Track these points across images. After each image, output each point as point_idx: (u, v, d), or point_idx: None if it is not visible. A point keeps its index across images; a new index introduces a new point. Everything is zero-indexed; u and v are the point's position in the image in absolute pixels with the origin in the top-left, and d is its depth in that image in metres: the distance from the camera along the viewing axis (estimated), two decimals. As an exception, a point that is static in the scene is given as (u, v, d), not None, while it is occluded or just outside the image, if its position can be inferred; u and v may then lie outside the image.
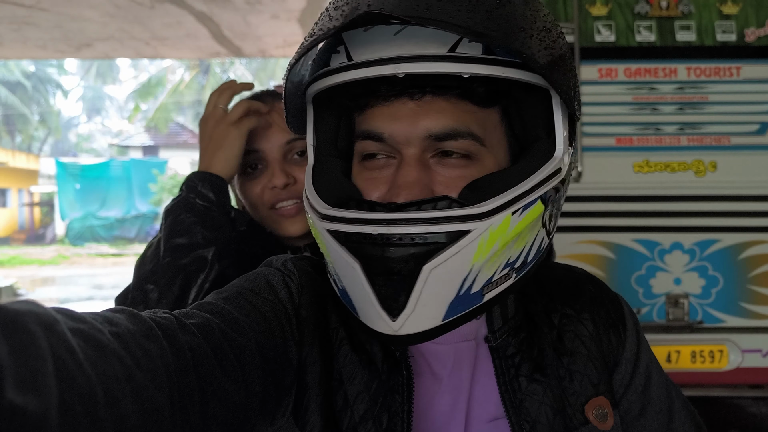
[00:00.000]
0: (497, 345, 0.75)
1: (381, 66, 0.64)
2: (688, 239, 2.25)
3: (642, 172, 2.26)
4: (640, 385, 0.81)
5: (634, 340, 0.82)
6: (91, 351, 0.44)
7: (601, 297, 0.84)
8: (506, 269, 0.67)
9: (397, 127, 0.68)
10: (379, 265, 0.63)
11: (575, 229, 2.27)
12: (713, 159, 2.25)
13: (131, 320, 0.52)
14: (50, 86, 28.60)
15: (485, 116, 0.70)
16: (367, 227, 0.63)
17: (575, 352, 0.78)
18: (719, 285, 2.25)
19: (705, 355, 2.24)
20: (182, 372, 0.53)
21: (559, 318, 0.80)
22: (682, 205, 2.26)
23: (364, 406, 0.70)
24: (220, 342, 0.60)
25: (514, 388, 0.73)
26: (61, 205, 19.38)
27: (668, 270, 2.26)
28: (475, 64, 0.63)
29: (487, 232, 0.62)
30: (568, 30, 2.28)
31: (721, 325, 2.25)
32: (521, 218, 0.65)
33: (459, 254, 0.62)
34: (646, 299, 2.26)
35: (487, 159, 0.69)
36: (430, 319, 0.64)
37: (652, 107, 2.28)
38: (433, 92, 0.67)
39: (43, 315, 0.42)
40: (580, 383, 0.76)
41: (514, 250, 0.66)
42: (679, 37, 2.30)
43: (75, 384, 0.41)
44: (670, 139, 2.27)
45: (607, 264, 2.27)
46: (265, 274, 0.74)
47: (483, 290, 0.66)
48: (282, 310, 0.71)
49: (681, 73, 2.28)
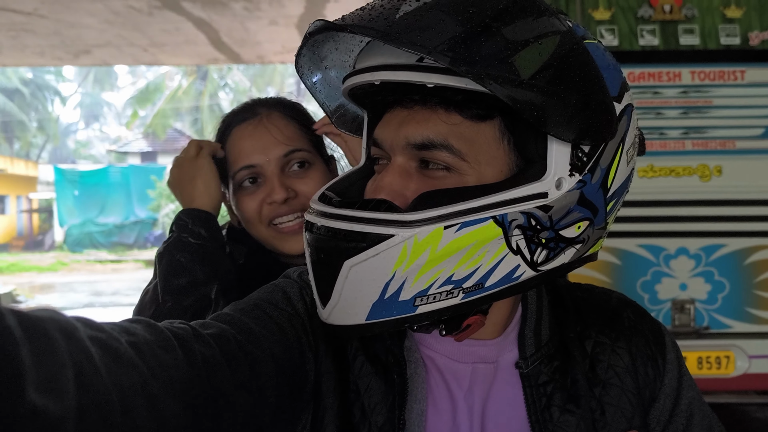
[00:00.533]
0: (528, 372, 0.73)
1: (364, 74, 0.67)
2: (693, 244, 2.24)
3: (646, 176, 2.25)
4: (681, 424, 0.77)
5: (675, 374, 0.79)
6: (109, 359, 0.46)
7: (640, 326, 0.80)
8: (448, 286, 0.63)
9: (386, 134, 0.69)
10: (315, 254, 0.66)
11: (580, 235, 2.25)
12: (718, 163, 2.24)
13: (148, 330, 0.54)
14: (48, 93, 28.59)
15: (476, 130, 0.66)
16: (318, 218, 0.66)
17: (608, 383, 0.75)
18: (725, 290, 2.23)
19: (712, 361, 2.22)
20: (196, 382, 0.55)
21: (592, 346, 0.77)
22: (687, 210, 2.24)
23: (383, 418, 0.69)
24: (235, 353, 0.61)
25: (545, 418, 0.71)
26: (60, 211, 19.35)
27: (674, 275, 2.24)
28: (439, 74, 0.62)
29: (411, 240, 0.61)
30: (571, 34, 2.26)
31: (728, 331, 2.23)
32: (458, 235, 0.61)
33: (378, 257, 0.62)
34: (651, 305, 2.24)
35: (469, 174, 0.65)
36: (353, 315, 0.64)
37: (656, 111, 2.27)
38: (421, 102, 0.67)
39: (63, 322, 0.44)
40: (612, 416, 0.73)
41: (458, 268, 0.62)
42: (683, 41, 2.29)
43: (92, 390, 0.43)
44: (675, 143, 2.25)
45: (612, 270, 2.25)
46: (283, 286, 0.75)
47: (415, 301, 0.63)
48: (299, 322, 0.71)
49: (685, 77, 2.27)
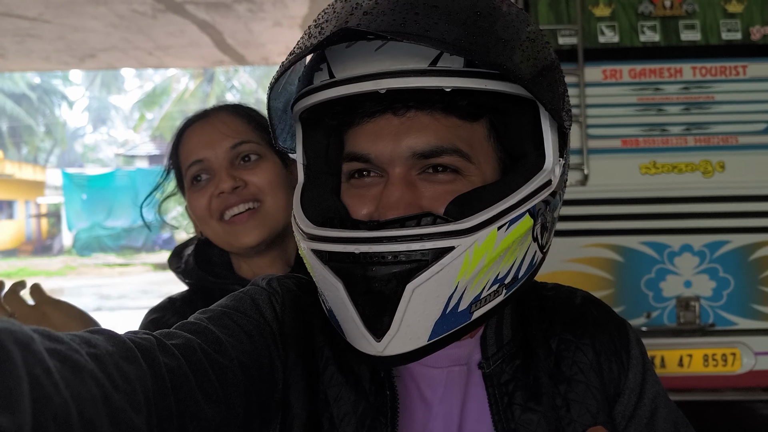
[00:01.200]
0: (491, 372, 0.73)
1: (362, 82, 0.63)
2: (697, 241, 2.22)
3: (649, 173, 2.23)
4: (645, 417, 0.78)
5: (639, 369, 0.79)
6: (68, 372, 0.44)
7: (605, 322, 0.81)
8: (495, 285, 0.64)
9: (381, 146, 0.67)
10: (361, 285, 0.61)
11: (582, 233, 2.24)
12: (721, 159, 2.22)
13: (110, 341, 0.52)
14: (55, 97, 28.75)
15: (471, 131, 0.68)
16: (349, 246, 0.62)
17: (573, 380, 0.75)
18: (730, 287, 2.21)
19: (717, 358, 2.20)
20: (161, 395, 0.52)
21: (557, 343, 0.77)
22: (690, 207, 2.23)
23: (351, 428, 0.68)
24: (201, 363, 0.59)
25: (507, 417, 0.71)
26: (68, 215, 19.44)
27: (678, 272, 2.23)
28: (456, 77, 0.62)
29: (472, 248, 0.61)
30: (572, 32, 2.26)
31: (733, 328, 2.21)
32: (508, 233, 0.63)
33: (443, 272, 0.60)
34: (656, 303, 2.23)
35: (474, 174, 0.67)
36: (415, 339, 0.62)
37: (657, 108, 2.25)
38: (416, 107, 0.66)
39: (19, 333, 0.41)
40: (577, 412, 0.73)
41: (503, 266, 0.64)
42: (684, 37, 2.27)
43: (50, 405, 0.41)
44: (677, 139, 2.24)
45: (615, 267, 2.24)
46: (251, 293, 0.73)
47: (471, 308, 0.64)
48: (268, 330, 0.69)
49: (686, 73, 2.25)
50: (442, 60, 0.62)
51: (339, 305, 0.64)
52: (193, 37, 6.79)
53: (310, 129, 0.75)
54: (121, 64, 8.22)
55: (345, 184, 0.72)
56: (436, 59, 0.62)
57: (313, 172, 0.75)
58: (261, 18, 6.07)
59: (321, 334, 0.73)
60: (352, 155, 0.69)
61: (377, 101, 0.66)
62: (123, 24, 6.34)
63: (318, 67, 0.68)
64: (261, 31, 6.48)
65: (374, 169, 0.69)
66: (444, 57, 0.62)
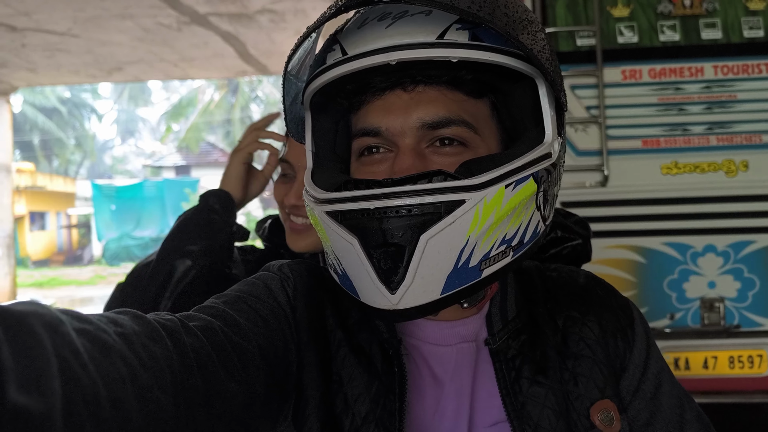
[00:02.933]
0: (497, 348, 0.74)
1: (374, 56, 0.66)
2: (721, 241, 2.19)
3: (671, 173, 2.21)
4: (649, 392, 0.79)
5: (644, 346, 0.80)
6: (96, 352, 0.45)
7: (609, 301, 0.82)
8: (503, 246, 0.67)
9: (392, 119, 0.70)
10: (376, 238, 0.63)
11: (604, 234, 2.23)
12: (744, 158, 2.19)
13: (136, 321, 0.53)
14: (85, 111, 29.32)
15: (475, 106, 0.71)
16: (364, 203, 0.64)
17: (580, 355, 0.76)
18: (756, 287, 2.18)
19: (744, 360, 2.17)
20: (187, 373, 0.54)
21: (563, 320, 0.79)
22: (713, 207, 2.20)
23: (366, 408, 0.69)
24: (223, 344, 0.61)
25: (515, 391, 0.72)
26: (98, 226, 19.77)
27: (702, 273, 2.20)
28: (463, 48, 0.65)
29: (482, 203, 0.63)
30: (590, 32, 2.25)
31: (760, 329, 2.17)
32: (514, 193, 0.65)
33: (455, 224, 0.62)
34: (679, 304, 2.20)
35: (481, 147, 0.71)
36: (428, 292, 0.64)
37: (678, 107, 2.23)
38: (424, 82, 0.69)
39: (48, 316, 0.43)
40: (585, 387, 0.75)
41: (510, 227, 0.67)
42: (705, 36, 2.25)
43: (79, 385, 0.42)
44: (699, 139, 2.22)
45: (637, 268, 2.22)
46: (264, 279, 0.75)
47: (481, 265, 0.65)
48: (282, 314, 0.71)
49: (708, 72, 2.23)
50: (448, 33, 0.65)
51: (353, 263, 0.66)
52: (216, 49, 6.90)
53: (319, 115, 0.78)
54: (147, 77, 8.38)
55: (355, 163, 0.75)
56: (443, 33, 0.65)
57: (322, 159, 0.78)
58: (283, 28, 6.14)
59: (332, 317, 0.75)
60: (363, 130, 0.72)
61: (387, 77, 0.69)
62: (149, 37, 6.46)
63: (330, 48, 0.71)
64: (283, 41, 6.55)
65: (384, 144, 0.71)
66: (450, 31, 0.65)
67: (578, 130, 2.23)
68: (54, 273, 17.84)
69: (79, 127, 28.42)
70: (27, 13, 5.74)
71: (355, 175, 0.74)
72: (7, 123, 9.40)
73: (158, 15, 5.82)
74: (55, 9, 5.63)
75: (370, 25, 0.69)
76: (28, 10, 5.64)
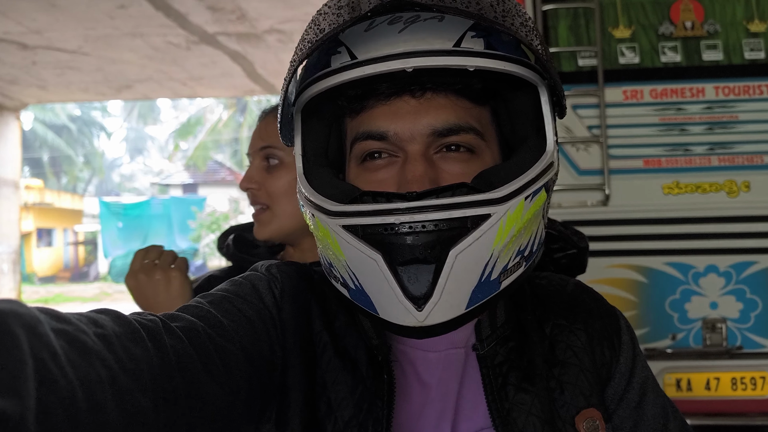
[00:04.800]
0: (485, 354, 0.74)
1: (389, 62, 0.64)
2: (723, 262, 2.19)
3: (672, 193, 2.21)
4: (634, 401, 0.79)
5: (629, 355, 0.80)
6: (75, 353, 0.44)
7: (597, 309, 0.82)
8: (518, 257, 0.68)
9: (400, 124, 0.69)
10: (404, 254, 0.62)
11: (605, 254, 2.22)
12: (746, 179, 2.19)
13: (117, 322, 0.52)
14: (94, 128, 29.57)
15: (480, 113, 0.72)
16: (388, 217, 0.62)
17: (566, 363, 0.76)
18: (758, 309, 2.16)
19: (746, 381, 2.15)
20: (167, 375, 0.53)
21: (551, 328, 0.79)
22: (715, 227, 2.20)
23: (349, 413, 0.69)
24: (206, 345, 0.60)
25: (501, 397, 0.71)
26: (104, 243, 19.82)
27: (704, 294, 2.19)
28: (480, 58, 0.65)
29: (505, 216, 0.64)
30: (592, 53, 2.27)
31: (762, 351, 2.16)
32: (531, 204, 0.66)
33: (482, 238, 0.62)
34: (681, 324, 2.19)
35: (487, 154, 0.71)
36: (455, 307, 0.64)
37: (680, 128, 2.24)
38: (433, 89, 0.69)
39: (27, 316, 0.42)
40: (571, 395, 0.74)
41: (524, 239, 0.68)
42: (706, 57, 2.27)
43: (56, 388, 0.41)
44: (700, 159, 2.22)
45: (639, 288, 2.21)
46: (251, 279, 0.75)
47: (500, 277, 0.66)
48: (268, 315, 0.71)
49: (709, 93, 2.24)
50: (464, 42, 0.65)
51: (375, 279, 0.64)
52: (225, 68, 6.97)
53: (310, 119, 0.76)
54: (156, 95, 8.46)
55: (356, 168, 0.73)
56: (459, 41, 0.65)
57: (312, 164, 0.76)
58: (290, 48, 6.20)
59: (319, 320, 0.74)
60: (368, 134, 0.70)
61: (395, 83, 0.68)
62: (158, 56, 6.53)
63: (335, 51, 0.68)
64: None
65: (389, 149, 0.70)
66: (466, 39, 0.65)
67: (580, 150, 2.23)
68: (59, 289, 17.87)
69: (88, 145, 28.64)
70: (38, 31, 5.83)
71: (355, 180, 0.72)
72: (16, 139, 9.48)
73: (168, 34, 5.90)
74: (67, 27, 5.72)
75: (381, 28, 0.66)
76: (40, 28, 5.73)
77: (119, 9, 5.31)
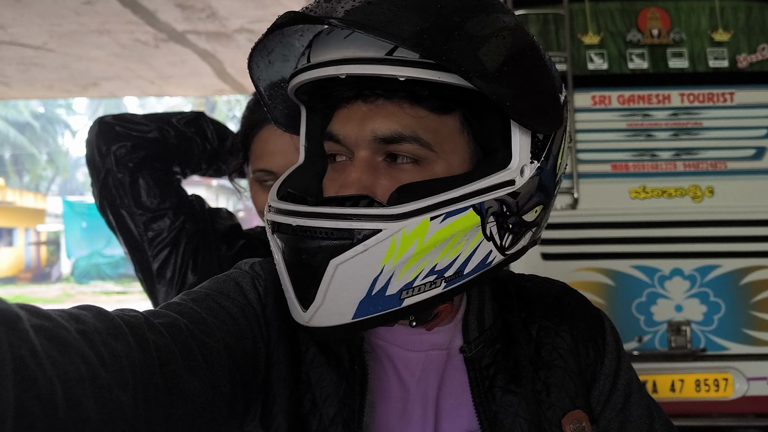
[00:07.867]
0: (472, 356, 0.74)
1: (326, 67, 0.66)
2: (688, 265, 2.23)
3: (639, 198, 2.25)
4: (619, 402, 0.80)
5: (614, 356, 0.81)
6: (54, 350, 0.44)
7: (581, 311, 0.83)
8: (432, 276, 0.64)
9: (349, 128, 0.69)
10: (293, 255, 0.65)
11: (573, 257, 2.25)
12: (710, 184, 2.25)
13: (98, 318, 0.52)
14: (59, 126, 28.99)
15: (439, 122, 0.68)
16: (289, 218, 0.65)
17: (552, 365, 0.77)
18: (721, 311, 2.21)
19: (710, 383, 2.19)
20: (148, 372, 0.53)
21: (537, 330, 0.79)
22: (681, 231, 2.24)
23: (334, 409, 0.69)
24: (188, 342, 0.60)
25: (488, 399, 0.72)
26: (68, 243, 19.45)
27: (669, 297, 2.23)
28: (410, 67, 0.63)
29: (399, 233, 0.61)
30: (561, 58, 2.30)
31: (725, 353, 2.21)
32: (443, 225, 0.63)
33: (367, 253, 0.61)
34: (647, 327, 2.23)
35: (437, 165, 0.67)
36: (339, 315, 0.64)
37: (646, 133, 2.28)
38: (384, 96, 0.67)
39: (5, 312, 0.41)
40: (557, 396, 0.75)
41: (442, 258, 0.64)
42: (672, 64, 2.31)
43: (34, 386, 0.41)
44: (666, 164, 2.27)
45: (606, 291, 2.24)
46: (235, 277, 0.75)
47: (401, 294, 0.64)
48: (251, 312, 0.71)
49: (675, 100, 2.29)
50: (398, 50, 0.63)
51: (281, 273, 0.68)
52: (194, 67, 6.88)
53: (310, 111, 0.78)
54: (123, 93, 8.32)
55: (328, 166, 0.74)
56: (394, 49, 0.63)
57: (311, 154, 0.78)
58: (261, 48, 6.15)
59: None
60: (329, 135, 0.71)
61: (350, 87, 0.68)
62: (125, 53, 6.43)
63: (304, 52, 0.71)
64: (261, 61, 6.55)
65: (344, 152, 0.71)
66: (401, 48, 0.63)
67: (549, 154, 2.26)
68: (20, 291, 17.45)
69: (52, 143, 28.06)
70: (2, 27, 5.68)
71: (325, 178, 0.74)
72: (-23, 136, 9.23)
73: (135, 31, 5.81)
74: (31, 23, 5.59)
75: (336, 33, 0.67)
76: (3, 23, 5.59)
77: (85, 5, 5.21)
